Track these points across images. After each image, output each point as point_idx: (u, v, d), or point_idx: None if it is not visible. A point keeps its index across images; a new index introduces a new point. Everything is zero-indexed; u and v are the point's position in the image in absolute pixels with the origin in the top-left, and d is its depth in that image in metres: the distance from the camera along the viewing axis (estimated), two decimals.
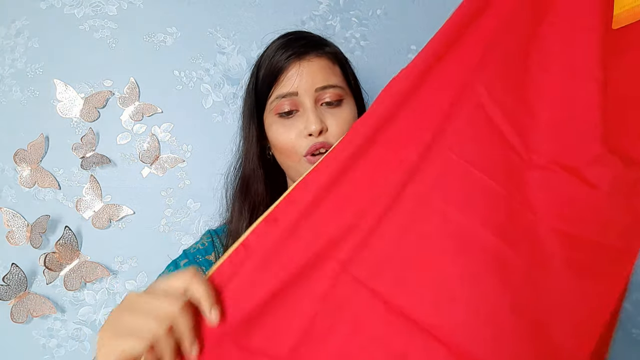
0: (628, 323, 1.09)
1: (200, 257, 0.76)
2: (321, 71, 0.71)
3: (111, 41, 1.05)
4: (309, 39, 0.75)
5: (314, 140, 0.69)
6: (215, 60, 1.07)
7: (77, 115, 1.02)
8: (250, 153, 0.77)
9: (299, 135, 0.70)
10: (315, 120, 0.68)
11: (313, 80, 0.70)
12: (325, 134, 0.70)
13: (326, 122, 0.70)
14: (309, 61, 0.71)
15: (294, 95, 0.70)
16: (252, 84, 0.76)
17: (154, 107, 1.04)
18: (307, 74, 0.70)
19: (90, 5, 1.06)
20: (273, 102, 0.72)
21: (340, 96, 0.72)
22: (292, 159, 0.72)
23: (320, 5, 1.10)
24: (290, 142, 0.71)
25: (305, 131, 0.69)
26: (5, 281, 0.94)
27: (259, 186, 0.77)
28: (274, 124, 0.72)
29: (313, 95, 0.70)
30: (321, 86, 0.71)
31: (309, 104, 0.70)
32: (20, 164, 1.00)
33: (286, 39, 0.75)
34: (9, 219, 0.98)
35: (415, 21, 1.11)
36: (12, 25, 1.04)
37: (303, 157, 0.71)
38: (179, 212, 1.03)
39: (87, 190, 1.01)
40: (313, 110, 0.70)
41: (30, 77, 1.03)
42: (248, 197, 0.78)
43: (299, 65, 0.71)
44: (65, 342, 0.98)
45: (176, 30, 1.07)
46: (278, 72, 0.71)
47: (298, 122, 0.71)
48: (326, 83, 0.71)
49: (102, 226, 1.00)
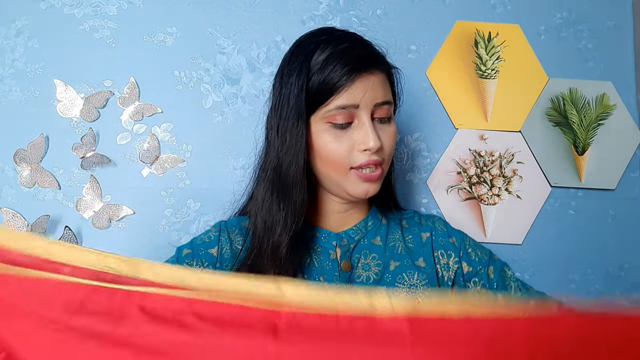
0: None
1: (203, 250, 0.76)
2: (382, 87, 0.72)
3: (111, 41, 1.05)
4: (368, 48, 0.74)
5: (369, 156, 0.70)
6: (215, 60, 1.07)
7: (77, 115, 1.02)
8: (296, 160, 0.71)
9: (352, 148, 0.70)
10: (375, 137, 0.68)
11: (375, 95, 0.70)
12: (379, 151, 0.71)
13: (380, 139, 0.70)
14: (374, 75, 0.71)
15: (354, 108, 0.69)
16: (301, 87, 0.70)
17: (154, 107, 1.04)
18: (371, 89, 0.70)
19: (90, 5, 1.06)
20: (330, 112, 0.69)
21: (389, 112, 0.73)
22: (338, 171, 0.71)
23: (320, 5, 1.10)
24: (340, 154, 0.70)
25: (362, 146, 0.69)
26: None
27: (300, 195, 0.72)
28: (325, 133, 0.71)
29: (371, 110, 0.70)
30: (380, 102, 0.71)
31: (367, 119, 0.70)
32: (20, 164, 1.00)
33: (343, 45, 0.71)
34: (9, 219, 0.98)
35: (415, 21, 1.11)
36: (12, 25, 1.04)
37: (350, 169, 0.71)
38: (179, 212, 1.03)
39: (87, 190, 1.01)
40: (371, 126, 0.69)
41: (30, 77, 1.03)
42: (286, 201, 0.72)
43: (367, 80, 0.70)
44: None
45: (176, 30, 1.07)
46: (342, 84, 0.68)
47: (353, 134, 0.70)
48: (385, 99, 0.72)
49: (102, 226, 1.00)
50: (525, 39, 1.13)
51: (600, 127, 1.11)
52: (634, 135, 1.12)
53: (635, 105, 1.13)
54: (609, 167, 1.11)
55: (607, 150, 1.11)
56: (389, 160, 0.75)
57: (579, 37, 1.14)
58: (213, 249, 0.76)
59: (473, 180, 1.08)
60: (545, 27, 1.14)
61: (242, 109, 1.07)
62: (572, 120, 1.11)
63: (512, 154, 1.09)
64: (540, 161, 1.10)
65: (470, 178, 1.09)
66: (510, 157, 1.10)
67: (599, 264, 1.09)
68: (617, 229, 1.10)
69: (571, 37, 1.14)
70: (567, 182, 1.10)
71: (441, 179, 1.08)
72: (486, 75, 1.11)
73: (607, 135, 1.11)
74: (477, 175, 1.09)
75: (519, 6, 1.14)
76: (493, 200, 1.08)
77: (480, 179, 1.09)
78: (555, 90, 1.11)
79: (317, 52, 0.71)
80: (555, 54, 1.13)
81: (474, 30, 1.12)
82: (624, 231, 1.10)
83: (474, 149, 1.09)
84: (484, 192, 1.08)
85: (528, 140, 1.10)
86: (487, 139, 1.09)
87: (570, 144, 1.11)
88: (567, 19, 1.14)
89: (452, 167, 1.09)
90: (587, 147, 1.11)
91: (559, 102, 1.11)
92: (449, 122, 1.10)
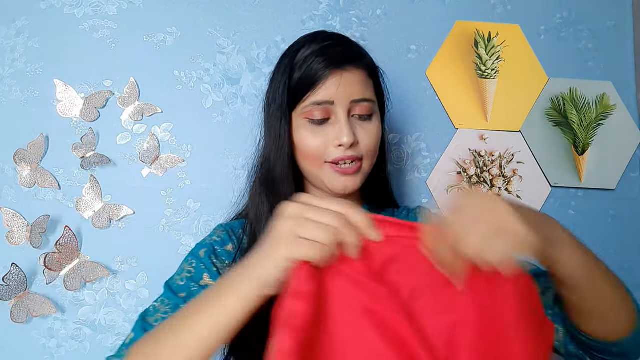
0: None
1: (218, 248, 0.75)
2: (359, 84, 0.72)
3: (111, 41, 1.05)
4: (349, 47, 0.76)
5: (343, 151, 0.71)
6: (215, 60, 1.07)
7: (77, 115, 1.02)
8: (281, 154, 0.74)
9: (328, 144, 0.71)
10: (348, 132, 0.70)
11: (351, 91, 0.71)
12: (355, 147, 0.72)
13: (357, 135, 0.71)
14: (349, 72, 0.72)
15: (329, 104, 0.71)
16: (285, 83, 0.74)
17: (154, 107, 1.04)
18: (345, 85, 0.71)
19: (90, 5, 1.06)
20: (307, 107, 0.72)
21: (371, 110, 0.74)
22: (314, 165, 0.73)
23: (320, 5, 1.10)
24: (316, 149, 0.72)
25: (336, 141, 0.70)
26: (5, 281, 0.94)
27: (288, 188, 0.75)
28: (302, 128, 0.73)
29: (347, 106, 0.71)
30: (357, 99, 0.72)
31: (343, 115, 0.71)
32: (20, 164, 1.00)
33: (325, 43, 0.74)
34: (9, 219, 0.98)
35: (415, 21, 1.11)
36: (12, 25, 1.04)
37: (325, 163, 0.72)
38: (179, 212, 1.03)
39: (87, 190, 1.01)
40: (346, 121, 0.71)
41: (30, 77, 1.03)
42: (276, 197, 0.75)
43: (340, 75, 0.71)
44: (65, 342, 0.98)
45: (176, 30, 1.07)
46: (317, 79, 0.71)
47: (328, 130, 0.72)
48: (362, 96, 0.72)
49: (102, 226, 1.00)
50: (525, 39, 1.13)
51: (600, 127, 1.11)
52: (634, 135, 1.12)
53: (635, 105, 1.13)
54: (609, 167, 1.11)
55: (607, 150, 1.11)
56: (371, 156, 0.75)
57: (579, 37, 1.14)
58: (228, 245, 0.76)
59: (473, 180, 1.08)
60: (545, 27, 1.14)
61: (242, 109, 1.07)
62: (572, 120, 1.11)
63: (512, 154, 1.10)
64: (540, 161, 1.10)
65: (470, 178, 1.09)
66: (510, 157, 1.10)
67: None
68: (617, 229, 1.10)
69: (571, 37, 1.14)
70: (567, 182, 1.10)
71: (441, 179, 1.08)
72: (486, 75, 1.11)
73: (607, 135, 1.11)
74: (477, 175, 1.09)
75: (519, 6, 1.14)
76: None
77: (480, 179, 1.09)
78: (555, 90, 1.11)
79: (301, 50, 0.74)
80: (555, 54, 1.13)
81: (474, 30, 1.12)
82: (624, 231, 1.11)
83: (474, 149, 1.09)
84: None
85: (528, 140, 1.10)
86: (487, 139, 1.09)
87: (570, 144, 1.11)
88: (567, 19, 1.14)
89: (452, 167, 1.09)
90: (587, 147, 1.11)
91: (559, 102, 1.11)
92: (449, 122, 1.10)
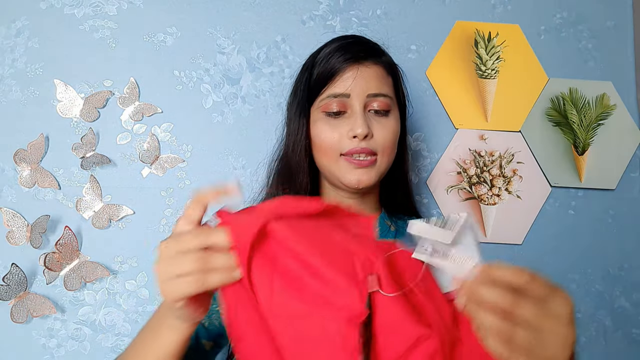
0: (628, 323, 1.09)
1: None
2: (376, 78, 0.74)
3: (111, 41, 1.05)
4: (368, 45, 0.77)
5: (357, 143, 0.71)
6: (215, 60, 1.07)
7: (77, 115, 1.02)
8: (298, 146, 0.77)
9: (343, 136, 0.72)
10: (362, 124, 0.70)
11: (367, 85, 0.72)
12: (369, 140, 0.72)
13: (372, 129, 0.72)
14: (366, 66, 0.73)
15: (345, 97, 0.72)
16: (305, 80, 0.77)
17: (154, 107, 1.04)
18: (362, 78, 0.72)
19: (90, 5, 1.06)
20: (323, 100, 0.73)
21: (388, 106, 0.74)
22: (328, 157, 0.74)
23: (320, 5, 1.10)
24: (332, 141, 0.73)
25: (351, 133, 0.71)
26: (5, 281, 0.94)
27: (304, 178, 0.77)
28: (319, 121, 0.74)
29: (364, 100, 0.72)
30: (373, 93, 0.73)
31: (358, 108, 0.72)
32: (20, 164, 1.00)
33: (346, 41, 0.76)
34: (9, 219, 0.98)
35: (415, 21, 1.11)
36: (12, 25, 1.04)
37: (341, 156, 0.73)
38: (179, 212, 1.03)
39: (87, 190, 1.01)
40: (362, 114, 0.72)
41: (30, 77, 1.03)
42: (292, 188, 0.78)
43: (357, 69, 0.72)
44: (65, 342, 0.98)
45: (176, 30, 1.07)
46: (334, 73, 0.73)
47: (344, 123, 0.73)
48: (378, 91, 0.73)
49: (102, 226, 1.00)
50: (525, 39, 1.13)
51: (600, 127, 1.11)
52: (634, 135, 1.12)
53: (635, 105, 1.13)
54: (609, 167, 1.11)
55: (607, 150, 1.11)
56: (387, 153, 0.75)
57: (579, 37, 1.14)
58: None
59: (473, 180, 1.08)
60: (545, 27, 1.14)
61: (242, 109, 1.07)
62: (572, 120, 1.11)
63: (512, 154, 1.10)
64: (540, 161, 1.10)
65: (470, 178, 1.09)
66: (510, 157, 1.10)
67: (599, 264, 1.09)
68: (617, 229, 1.10)
69: (571, 37, 1.14)
70: (567, 182, 1.10)
71: (441, 179, 1.08)
72: (486, 75, 1.11)
73: (607, 135, 1.11)
74: (477, 175, 1.09)
75: (519, 6, 1.14)
76: (493, 200, 1.08)
77: (480, 179, 1.09)
78: (555, 90, 1.11)
79: (323, 50, 0.77)
80: (555, 54, 1.13)
81: (474, 30, 1.12)
82: (624, 231, 1.11)
83: (474, 149, 1.09)
84: (484, 192, 1.08)
85: (528, 140, 1.10)
86: (487, 139, 1.09)
87: (570, 144, 1.11)
88: (567, 19, 1.14)
89: (452, 167, 1.09)
90: (587, 147, 1.11)
91: (559, 102, 1.11)
92: (449, 122, 1.10)
